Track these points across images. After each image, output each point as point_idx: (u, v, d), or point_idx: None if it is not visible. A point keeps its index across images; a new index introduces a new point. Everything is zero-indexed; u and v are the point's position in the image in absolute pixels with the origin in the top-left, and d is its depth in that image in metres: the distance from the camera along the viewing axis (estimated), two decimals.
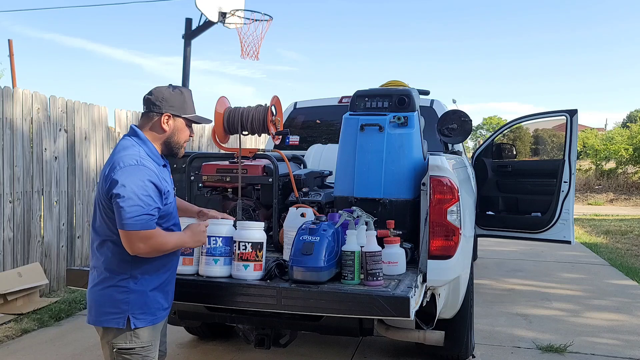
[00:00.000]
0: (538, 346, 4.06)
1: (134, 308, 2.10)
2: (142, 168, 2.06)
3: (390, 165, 3.02)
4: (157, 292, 2.18)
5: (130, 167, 2.04)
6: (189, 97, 2.26)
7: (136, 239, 2.01)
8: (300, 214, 2.92)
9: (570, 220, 5.01)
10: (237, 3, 6.58)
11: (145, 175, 2.05)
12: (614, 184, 19.32)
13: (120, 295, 2.10)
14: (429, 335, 3.13)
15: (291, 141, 4.80)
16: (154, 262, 2.15)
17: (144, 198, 2.02)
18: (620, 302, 5.34)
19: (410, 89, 3.24)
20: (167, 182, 2.20)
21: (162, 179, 2.14)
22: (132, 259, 2.09)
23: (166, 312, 2.26)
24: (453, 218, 2.79)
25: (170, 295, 2.28)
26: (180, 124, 2.22)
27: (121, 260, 2.11)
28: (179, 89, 2.25)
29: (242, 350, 3.95)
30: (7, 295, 4.77)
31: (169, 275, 2.25)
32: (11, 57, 11.46)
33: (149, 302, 2.14)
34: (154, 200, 2.05)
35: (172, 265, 2.26)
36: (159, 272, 2.18)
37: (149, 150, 2.17)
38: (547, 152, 15.16)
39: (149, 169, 2.08)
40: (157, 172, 2.12)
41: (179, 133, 2.22)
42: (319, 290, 2.43)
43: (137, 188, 2.01)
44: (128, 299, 2.09)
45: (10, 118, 5.14)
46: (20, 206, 5.24)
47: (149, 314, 2.15)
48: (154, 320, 2.17)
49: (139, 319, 2.11)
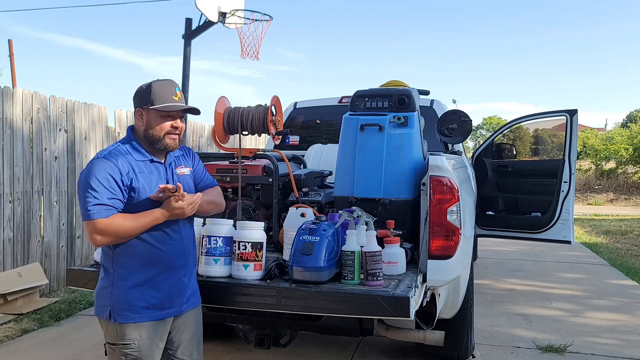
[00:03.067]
0: (538, 346, 4.06)
1: (115, 303, 2.14)
2: (101, 161, 2.09)
3: (390, 165, 3.02)
4: (141, 289, 2.14)
5: (90, 163, 2.12)
6: (160, 88, 2.19)
7: (91, 230, 2.04)
8: (300, 214, 2.92)
9: (570, 220, 5.01)
10: (237, 3, 6.58)
11: (102, 167, 2.07)
12: (614, 184, 19.32)
13: (106, 289, 2.17)
14: (429, 335, 3.13)
15: (291, 141, 4.80)
16: (132, 257, 2.14)
17: (97, 188, 2.03)
18: (620, 302, 5.34)
19: (410, 89, 3.24)
20: (139, 177, 2.14)
21: (132, 173, 2.12)
22: (112, 253, 2.15)
23: (159, 312, 2.19)
24: (453, 218, 2.79)
25: (166, 295, 2.20)
26: (152, 116, 2.17)
27: (105, 255, 2.19)
28: (151, 83, 2.22)
29: (242, 350, 3.95)
30: (7, 295, 4.77)
31: (158, 273, 2.17)
32: (11, 57, 11.48)
33: (129, 299, 2.13)
34: (109, 191, 2.05)
35: (158, 260, 2.17)
36: (140, 267, 2.14)
37: (130, 146, 2.19)
38: (547, 152, 15.17)
39: (109, 162, 2.09)
40: (122, 166, 2.10)
41: (154, 126, 2.18)
42: (319, 290, 2.43)
43: (89, 179, 2.05)
44: (110, 293, 2.15)
45: (10, 118, 5.14)
46: (20, 206, 5.24)
47: (131, 312, 2.13)
48: (136, 319, 2.13)
49: (119, 314, 2.13)
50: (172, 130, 2.19)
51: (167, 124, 2.18)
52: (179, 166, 2.32)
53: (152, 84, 2.21)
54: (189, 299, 2.32)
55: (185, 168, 2.34)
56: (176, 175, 2.28)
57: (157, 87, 2.19)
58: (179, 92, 2.23)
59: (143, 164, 2.18)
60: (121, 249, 2.14)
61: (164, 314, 2.21)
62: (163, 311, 2.21)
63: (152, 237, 2.16)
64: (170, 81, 2.26)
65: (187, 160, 2.39)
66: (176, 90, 2.22)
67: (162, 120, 2.18)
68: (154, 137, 2.19)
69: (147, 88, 2.20)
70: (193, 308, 2.35)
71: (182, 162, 2.35)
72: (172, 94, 2.20)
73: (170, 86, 2.22)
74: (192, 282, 2.36)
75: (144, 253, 2.15)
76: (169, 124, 2.19)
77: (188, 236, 2.31)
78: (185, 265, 2.28)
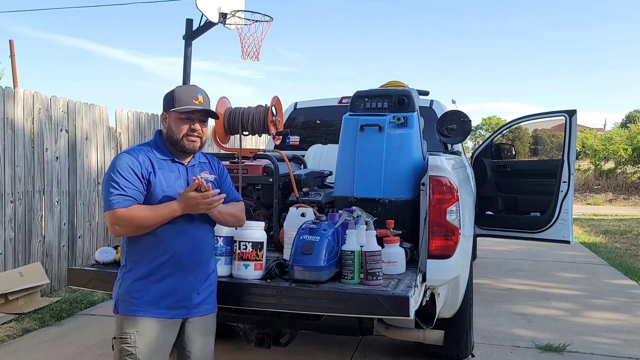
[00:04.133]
0: (537, 345, 4.07)
1: (120, 294, 2.21)
2: (123, 155, 2.20)
3: (390, 166, 3.04)
4: (144, 282, 2.16)
5: (114, 158, 2.21)
6: (182, 92, 2.27)
7: (111, 219, 2.12)
8: (300, 214, 2.93)
9: (570, 220, 5.02)
10: (238, 4, 6.58)
11: (123, 160, 2.17)
12: (612, 184, 19.34)
13: (117, 282, 2.26)
14: (428, 335, 3.15)
15: (291, 141, 4.81)
16: (141, 249, 2.19)
17: (118, 180, 2.12)
18: (619, 302, 5.36)
19: (409, 90, 3.26)
20: (157, 172, 2.21)
21: (150, 167, 2.20)
22: (127, 247, 2.24)
23: (162, 311, 2.17)
24: (452, 218, 2.80)
25: (170, 293, 2.18)
26: (172, 118, 2.26)
27: (122, 250, 2.29)
28: (175, 87, 2.32)
29: (242, 349, 3.97)
30: (9, 295, 4.79)
31: (164, 267, 2.17)
32: (12, 57, 11.49)
33: (131, 290, 2.18)
34: (129, 182, 2.13)
35: (165, 255, 2.17)
36: (148, 260, 2.17)
37: (154, 145, 2.29)
38: (546, 152, 15.18)
39: (130, 156, 2.19)
40: (142, 160, 2.20)
41: (173, 127, 2.26)
42: (319, 289, 2.44)
43: (112, 172, 2.15)
44: (119, 285, 2.24)
45: (12, 118, 5.15)
46: (21, 206, 5.26)
47: (132, 304, 2.16)
48: (137, 312, 2.15)
49: (122, 306, 2.19)
50: (190, 133, 2.24)
51: (185, 126, 2.24)
52: (203, 171, 2.36)
53: (175, 89, 2.30)
54: (200, 304, 2.28)
55: (209, 174, 2.37)
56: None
57: (179, 91, 2.28)
58: (200, 97, 2.28)
59: (164, 162, 2.26)
60: (135, 241, 2.19)
61: (167, 312, 2.19)
62: (167, 310, 2.19)
63: (164, 232, 2.17)
64: (194, 86, 2.34)
65: (213, 169, 2.44)
66: (198, 94, 2.28)
67: (180, 123, 2.24)
68: (174, 139, 2.25)
69: (171, 92, 2.30)
70: (203, 315, 2.31)
71: (207, 168, 2.40)
72: (193, 98, 2.26)
73: (192, 90, 2.29)
74: (206, 288, 2.32)
75: (156, 246, 2.17)
76: (187, 126, 2.24)
77: (203, 238, 2.30)
78: (197, 267, 2.25)
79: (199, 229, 2.28)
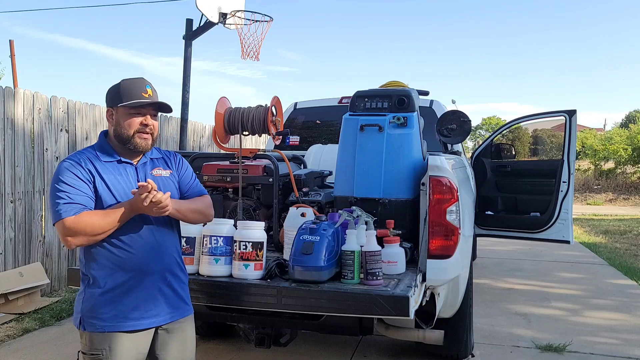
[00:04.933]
0: (537, 345, 4.07)
1: (85, 310, 2.05)
2: (65, 163, 2.06)
3: (390, 166, 3.04)
4: (111, 295, 2.02)
5: (56, 169, 2.07)
6: (129, 86, 2.10)
7: (62, 231, 1.96)
8: (300, 214, 2.93)
9: (569, 220, 5.02)
10: (238, 4, 6.59)
11: (66, 168, 2.03)
12: (612, 184, 19.35)
13: (79, 296, 2.10)
14: (428, 335, 3.15)
15: (291, 141, 4.81)
16: (103, 261, 2.03)
17: (63, 188, 1.98)
18: (619, 302, 5.36)
19: (409, 90, 3.26)
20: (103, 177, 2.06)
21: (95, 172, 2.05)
22: (85, 259, 2.08)
23: (132, 322, 2.04)
24: (452, 218, 2.80)
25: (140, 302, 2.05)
26: (121, 114, 2.09)
27: (80, 262, 2.12)
28: (120, 81, 2.16)
29: (242, 349, 3.97)
30: (9, 295, 4.79)
31: (130, 277, 2.04)
32: (12, 57, 11.47)
33: (97, 306, 2.03)
34: (75, 189, 1.99)
35: (129, 264, 2.04)
36: (111, 272, 2.03)
37: (98, 148, 2.13)
38: (546, 152, 15.19)
39: (71, 162, 2.05)
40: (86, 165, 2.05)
41: (122, 123, 2.08)
42: (319, 289, 2.45)
43: (55, 182, 2.01)
44: (82, 300, 2.07)
45: (12, 118, 5.16)
46: (21, 206, 5.26)
47: (100, 320, 2.02)
48: (105, 327, 2.02)
49: (88, 323, 2.04)
50: (141, 128, 2.08)
51: (136, 120, 2.08)
52: (156, 167, 2.19)
53: (120, 82, 2.13)
54: (173, 309, 2.15)
55: (163, 170, 2.21)
56: (150, 176, 2.13)
57: (126, 85, 2.11)
58: (149, 90, 2.12)
59: (110, 164, 2.10)
60: (93, 253, 2.05)
61: (137, 324, 2.06)
62: (137, 321, 2.06)
63: (123, 240, 2.04)
64: (141, 79, 2.17)
65: (170, 164, 2.26)
66: (146, 87, 2.12)
67: (130, 117, 2.08)
68: (123, 136, 2.09)
69: (116, 87, 2.12)
70: (179, 320, 2.18)
71: (161, 164, 2.23)
72: (142, 91, 2.09)
73: (140, 83, 2.12)
74: (177, 290, 2.18)
75: (115, 256, 2.03)
76: (139, 120, 2.08)
77: (167, 240, 2.15)
78: (163, 272, 2.12)
79: (159, 232, 2.12)
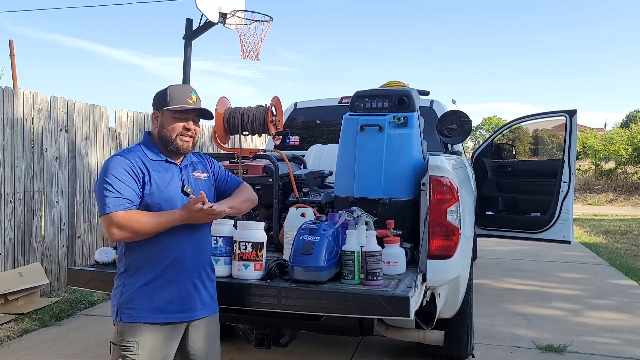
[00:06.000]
0: (537, 346, 4.07)
1: (122, 302, 2.15)
2: (116, 158, 2.15)
3: (390, 166, 3.03)
4: (149, 287, 2.13)
5: (106, 162, 2.16)
6: (176, 91, 2.24)
7: (109, 224, 2.05)
8: (300, 214, 2.93)
9: (570, 220, 5.02)
10: (238, 4, 6.58)
11: (117, 163, 2.12)
12: (613, 184, 19.34)
13: (117, 289, 2.19)
14: (428, 335, 3.14)
15: (291, 141, 4.81)
16: (143, 255, 2.14)
17: (113, 183, 2.07)
18: (620, 302, 5.36)
19: (410, 90, 3.25)
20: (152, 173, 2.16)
21: (144, 169, 2.15)
22: (125, 253, 2.18)
23: (167, 315, 2.14)
24: (453, 218, 2.80)
25: (175, 296, 2.16)
26: (166, 117, 2.22)
27: (119, 256, 2.22)
28: (168, 86, 2.28)
29: (242, 350, 3.97)
30: (8, 295, 4.79)
31: (168, 272, 2.15)
32: (12, 57, 11.47)
33: (136, 297, 2.13)
34: (125, 185, 2.08)
35: (168, 259, 2.15)
36: (151, 266, 2.14)
37: (145, 147, 2.24)
38: (547, 152, 15.19)
39: (123, 158, 2.14)
40: (136, 162, 2.15)
41: (166, 126, 2.22)
42: (319, 290, 2.44)
43: (105, 175, 2.09)
44: (120, 292, 2.17)
45: (12, 118, 5.15)
46: (21, 206, 5.25)
47: (136, 310, 2.12)
48: (142, 318, 2.11)
49: (124, 313, 2.13)
50: (184, 132, 2.22)
51: (179, 124, 2.21)
52: (195, 170, 2.33)
53: (168, 88, 2.26)
54: (204, 306, 2.27)
55: (202, 173, 2.35)
56: (192, 179, 2.29)
57: (173, 90, 2.24)
58: (194, 96, 2.25)
59: (157, 163, 2.21)
60: (134, 247, 2.15)
61: (172, 317, 2.17)
62: (172, 314, 2.17)
63: (165, 236, 2.14)
64: (187, 86, 2.32)
65: (205, 167, 2.40)
66: (192, 94, 2.25)
67: (174, 121, 2.21)
68: (167, 138, 2.21)
69: (163, 91, 2.26)
70: (208, 316, 2.30)
71: (200, 167, 2.36)
72: (187, 97, 2.23)
73: (186, 90, 2.27)
74: (208, 288, 2.31)
75: (155, 251, 2.14)
76: (181, 124, 2.21)
77: (204, 240, 2.30)
78: (199, 268, 2.25)
79: (200, 232, 2.26)
